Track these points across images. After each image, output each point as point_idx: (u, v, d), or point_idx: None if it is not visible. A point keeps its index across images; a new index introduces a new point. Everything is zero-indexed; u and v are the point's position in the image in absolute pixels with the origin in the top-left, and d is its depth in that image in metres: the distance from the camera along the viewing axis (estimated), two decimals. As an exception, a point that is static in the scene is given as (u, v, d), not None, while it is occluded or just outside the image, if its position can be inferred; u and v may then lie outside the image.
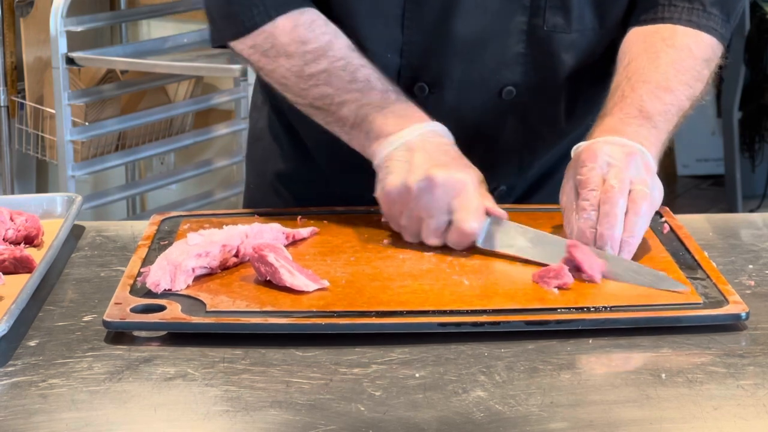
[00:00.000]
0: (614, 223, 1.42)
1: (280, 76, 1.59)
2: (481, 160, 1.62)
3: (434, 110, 1.62)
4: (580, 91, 1.68)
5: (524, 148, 1.70)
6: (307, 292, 1.34)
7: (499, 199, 1.70)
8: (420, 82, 1.64)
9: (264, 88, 1.78)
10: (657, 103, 1.55)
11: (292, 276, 1.35)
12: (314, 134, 1.64)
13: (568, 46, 1.63)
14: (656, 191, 1.48)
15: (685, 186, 5.19)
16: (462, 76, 1.63)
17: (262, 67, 1.61)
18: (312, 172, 1.76)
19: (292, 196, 1.77)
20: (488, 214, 1.48)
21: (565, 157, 1.62)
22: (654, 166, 1.50)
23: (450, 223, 1.47)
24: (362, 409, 1.13)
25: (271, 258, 1.36)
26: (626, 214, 1.43)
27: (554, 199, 1.57)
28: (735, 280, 1.42)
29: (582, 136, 1.57)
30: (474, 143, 1.64)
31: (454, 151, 1.53)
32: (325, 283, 1.36)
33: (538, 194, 1.76)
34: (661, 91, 1.56)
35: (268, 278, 1.36)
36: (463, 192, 1.47)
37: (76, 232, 1.61)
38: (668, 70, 1.58)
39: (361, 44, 1.61)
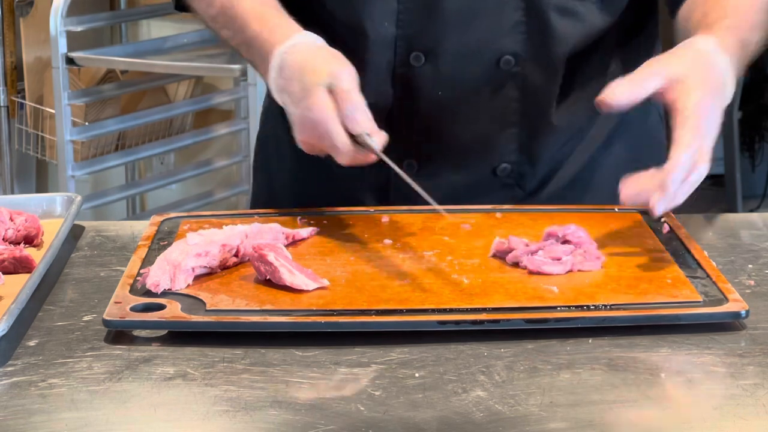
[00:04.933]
0: (667, 197, 1.38)
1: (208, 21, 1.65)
2: (480, 133, 1.62)
3: (431, 79, 1.62)
4: (582, 69, 1.66)
5: (524, 122, 1.67)
6: (307, 291, 1.34)
7: (507, 184, 1.68)
8: (416, 51, 1.63)
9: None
10: (750, 29, 1.53)
11: (292, 275, 1.35)
12: None
13: (569, 16, 1.62)
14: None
15: (685, 186, 5.18)
16: (458, 44, 1.62)
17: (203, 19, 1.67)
18: (321, 173, 1.75)
19: (300, 202, 1.76)
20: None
21: (588, 169, 1.60)
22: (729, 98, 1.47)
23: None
24: (362, 409, 1.13)
25: (270, 257, 1.36)
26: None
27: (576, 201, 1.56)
28: (735, 279, 1.42)
29: (584, 122, 1.57)
30: (472, 114, 1.64)
31: (304, 60, 1.52)
32: (325, 282, 1.36)
33: (569, 195, 1.73)
34: (754, 9, 1.55)
35: (267, 277, 1.36)
36: (319, 122, 1.47)
37: (75, 232, 1.61)
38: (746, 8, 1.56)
39: (357, 15, 1.61)
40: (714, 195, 5.07)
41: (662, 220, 1.57)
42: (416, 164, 1.67)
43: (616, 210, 1.61)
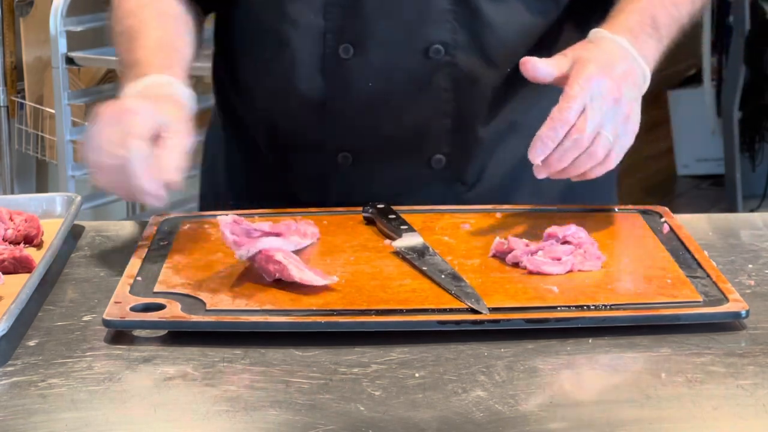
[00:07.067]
0: (565, 167, 1.46)
1: None
2: (413, 124, 1.63)
3: (361, 71, 1.62)
4: (516, 60, 1.65)
5: (457, 112, 1.66)
6: (307, 292, 1.34)
7: (446, 179, 1.68)
8: (344, 43, 1.63)
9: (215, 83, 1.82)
10: (666, 16, 1.58)
11: (301, 271, 1.35)
12: (254, 115, 1.66)
13: (502, 5, 1.62)
14: (627, 138, 1.48)
15: (685, 186, 5.19)
16: (385, 34, 1.62)
17: None
18: (258, 170, 1.76)
19: (241, 201, 1.76)
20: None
21: (524, 161, 1.61)
22: (644, 86, 1.52)
23: None
24: (362, 409, 1.13)
25: (279, 256, 1.36)
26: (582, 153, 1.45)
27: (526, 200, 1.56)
28: (735, 279, 1.42)
29: (518, 114, 1.57)
30: (404, 105, 1.64)
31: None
32: (335, 279, 1.35)
33: (508, 192, 1.73)
34: (670, 3, 1.59)
35: (277, 276, 1.36)
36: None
37: (75, 232, 1.61)
38: None
39: (283, 9, 1.63)
40: (714, 195, 5.08)
41: (662, 220, 1.57)
42: (351, 156, 1.67)
43: (616, 210, 1.61)
